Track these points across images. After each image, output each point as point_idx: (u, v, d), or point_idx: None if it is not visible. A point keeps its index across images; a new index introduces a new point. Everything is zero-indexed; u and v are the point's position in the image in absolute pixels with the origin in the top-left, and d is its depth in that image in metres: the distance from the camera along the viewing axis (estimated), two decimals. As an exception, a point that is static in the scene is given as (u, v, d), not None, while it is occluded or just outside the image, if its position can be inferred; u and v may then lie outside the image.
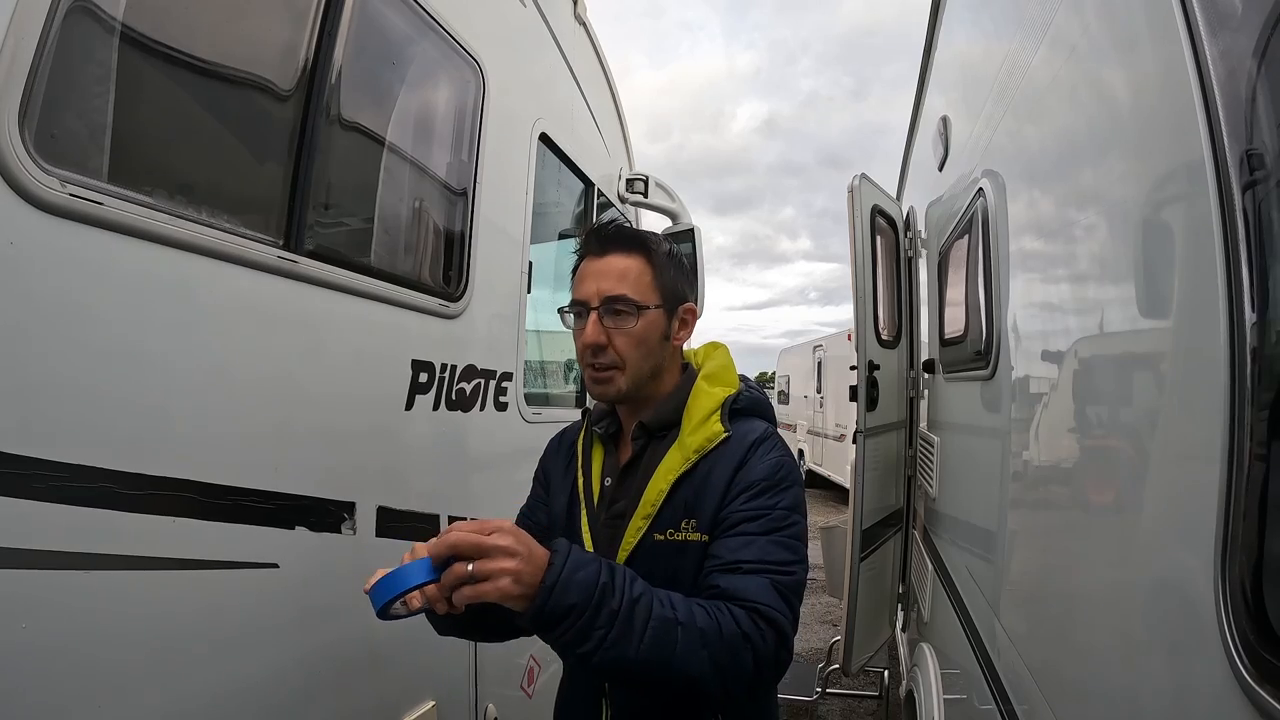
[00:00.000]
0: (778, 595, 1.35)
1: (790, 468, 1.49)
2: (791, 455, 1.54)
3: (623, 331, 1.51)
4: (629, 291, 1.51)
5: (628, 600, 1.22)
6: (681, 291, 1.62)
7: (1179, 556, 1.01)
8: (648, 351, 1.55)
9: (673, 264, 1.60)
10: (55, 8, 1.06)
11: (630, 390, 1.55)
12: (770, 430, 1.55)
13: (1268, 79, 0.87)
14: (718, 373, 1.64)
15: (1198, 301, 0.97)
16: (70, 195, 1.08)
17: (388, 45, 1.91)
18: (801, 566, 1.41)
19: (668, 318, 1.58)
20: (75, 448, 1.11)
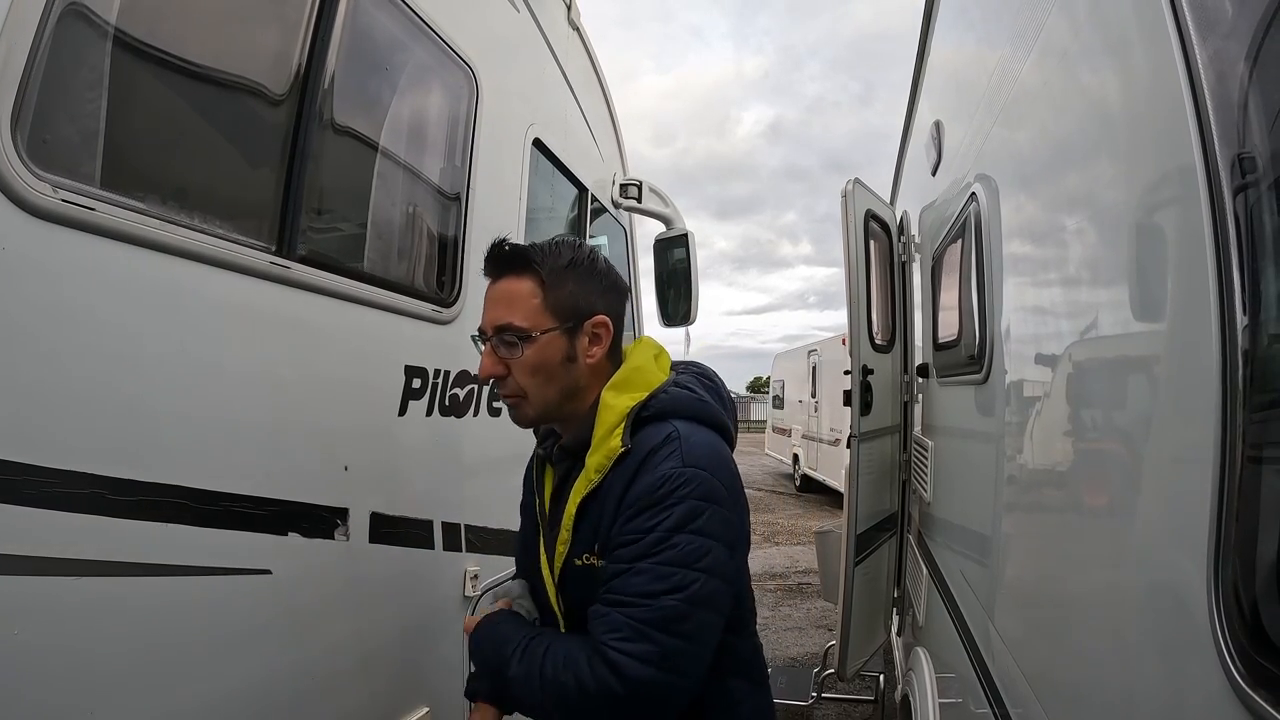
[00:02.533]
0: (630, 633, 1.27)
1: (682, 478, 1.33)
2: (697, 460, 1.36)
3: (516, 362, 1.45)
4: (516, 319, 1.44)
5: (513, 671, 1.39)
6: (587, 305, 1.49)
7: (1172, 560, 1.01)
8: (548, 378, 1.47)
9: (576, 276, 1.49)
10: (48, 13, 1.06)
11: (540, 417, 1.53)
12: (673, 433, 1.39)
13: (1258, 83, 0.88)
14: (629, 378, 1.50)
15: (1190, 305, 0.98)
16: (62, 200, 1.07)
17: (381, 51, 1.91)
18: (676, 596, 1.28)
19: (569, 338, 1.48)
20: (67, 454, 1.10)
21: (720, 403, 1.54)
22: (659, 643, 1.26)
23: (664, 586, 1.28)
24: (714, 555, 1.32)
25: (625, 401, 1.45)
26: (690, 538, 1.31)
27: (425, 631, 2.13)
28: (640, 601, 1.29)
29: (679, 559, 1.30)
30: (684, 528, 1.31)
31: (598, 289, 1.52)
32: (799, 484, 17.20)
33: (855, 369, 3.62)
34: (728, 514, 1.37)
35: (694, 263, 4.29)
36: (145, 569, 1.23)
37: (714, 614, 1.34)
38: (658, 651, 1.26)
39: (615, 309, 1.55)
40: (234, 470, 1.41)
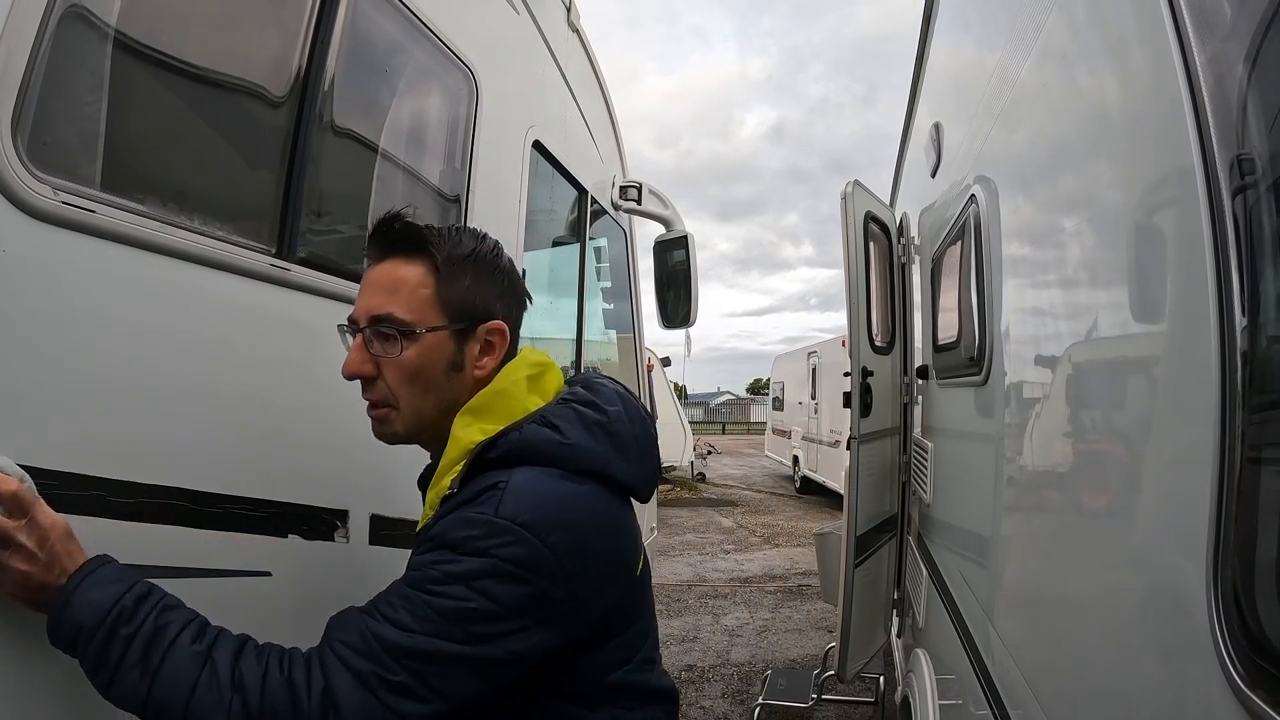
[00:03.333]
0: (318, 664, 1.07)
1: (491, 530, 1.09)
2: (518, 515, 1.11)
3: (391, 361, 1.24)
4: (399, 310, 1.23)
5: (147, 629, 1.01)
6: (484, 306, 1.28)
7: (1171, 561, 1.01)
8: (426, 387, 1.26)
9: (475, 269, 1.28)
10: (49, 15, 1.06)
11: (409, 434, 1.31)
12: (499, 483, 1.14)
13: (1257, 84, 0.88)
14: (488, 404, 1.25)
15: (1189, 306, 0.98)
16: (63, 203, 1.07)
17: (380, 53, 1.91)
18: (414, 637, 1.06)
19: (458, 342, 1.27)
20: (67, 455, 1.10)
21: (610, 440, 1.26)
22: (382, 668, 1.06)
23: (407, 619, 1.08)
24: (500, 626, 1.09)
25: (473, 434, 1.21)
26: (466, 597, 1.07)
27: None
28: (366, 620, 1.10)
29: (446, 609, 1.08)
30: (465, 579, 1.08)
31: (497, 289, 1.31)
32: (799, 486, 17.20)
33: (855, 371, 3.63)
34: (546, 588, 1.10)
35: (694, 265, 4.29)
36: (146, 571, 1.23)
37: (481, 678, 1.10)
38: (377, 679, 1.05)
39: (514, 317, 1.35)
40: (234, 472, 1.41)
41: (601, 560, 1.20)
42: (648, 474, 1.38)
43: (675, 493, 16.53)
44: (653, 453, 1.40)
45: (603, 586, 1.20)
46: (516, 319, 1.37)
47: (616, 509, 1.28)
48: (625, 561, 1.28)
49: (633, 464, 1.30)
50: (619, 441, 1.28)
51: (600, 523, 1.22)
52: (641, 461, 1.34)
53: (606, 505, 1.25)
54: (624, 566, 1.27)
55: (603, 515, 1.23)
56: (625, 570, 1.27)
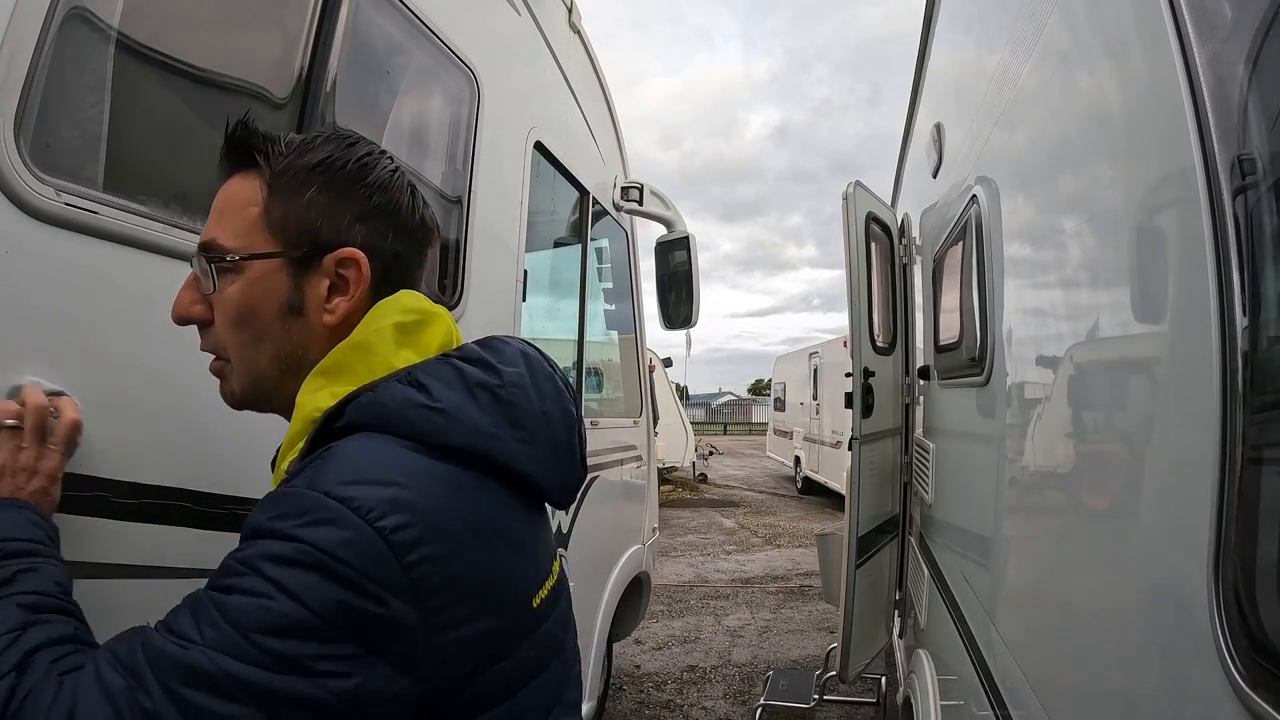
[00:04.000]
0: (77, 677, 0.76)
1: (301, 506, 0.78)
2: (336, 495, 0.78)
3: (217, 300, 0.97)
4: (221, 235, 0.96)
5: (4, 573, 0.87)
6: (331, 230, 0.96)
7: (1173, 561, 1.01)
8: (258, 333, 0.97)
9: (325, 182, 0.96)
10: (51, 16, 1.06)
11: (248, 397, 1.02)
12: (330, 450, 0.84)
13: (1258, 85, 0.88)
14: (342, 362, 0.94)
15: (1190, 306, 0.98)
16: (66, 204, 1.08)
17: (382, 54, 1.92)
18: (189, 649, 0.74)
19: (294, 275, 0.96)
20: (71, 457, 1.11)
21: (500, 410, 0.93)
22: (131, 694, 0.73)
23: (186, 624, 0.77)
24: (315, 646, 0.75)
25: (319, 400, 0.92)
26: (267, 588, 0.75)
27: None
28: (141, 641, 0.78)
29: (232, 606, 0.76)
30: (261, 570, 0.76)
31: (357, 209, 0.97)
32: (800, 486, 17.19)
33: (856, 371, 3.63)
34: (376, 594, 0.76)
35: (695, 265, 4.30)
36: (148, 571, 1.23)
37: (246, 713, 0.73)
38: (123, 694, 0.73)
39: (383, 247, 0.99)
40: (238, 473, 1.41)
41: (469, 576, 0.84)
42: (561, 467, 1.01)
43: (677, 493, 16.52)
44: (571, 440, 1.03)
45: (468, 615, 0.83)
46: (391, 250, 1.00)
47: (504, 510, 0.92)
48: (509, 587, 0.90)
49: (536, 448, 0.96)
50: (514, 414, 0.94)
51: (474, 522, 0.86)
52: (553, 448, 0.99)
53: (487, 501, 0.90)
54: (506, 594, 0.89)
55: (478, 512, 0.88)
56: (508, 600, 0.89)
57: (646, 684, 5.56)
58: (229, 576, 0.78)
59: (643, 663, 6.00)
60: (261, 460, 1.47)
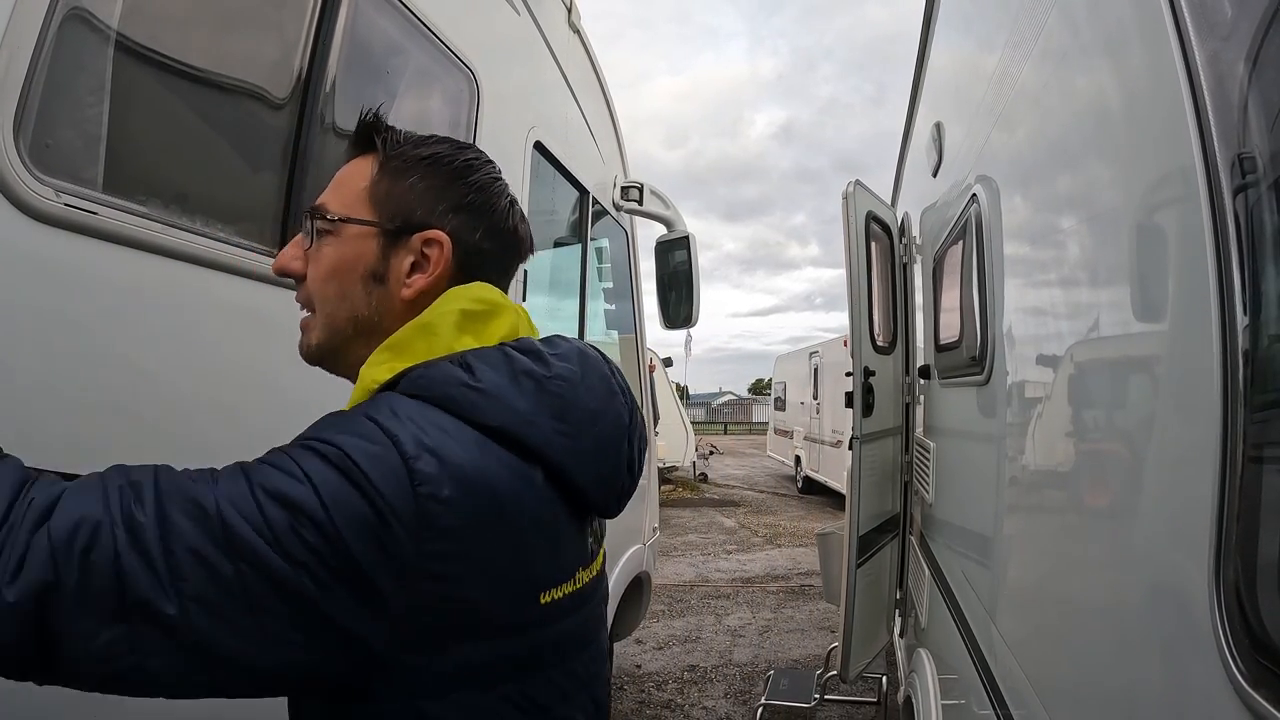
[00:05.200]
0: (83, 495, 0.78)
1: (351, 425, 0.85)
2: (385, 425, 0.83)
3: (313, 255, 1.05)
4: (331, 202, 1.04)
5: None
6: (425, 212, 1.03)
7: (1173, 560, 1.01)
8: (341, 291, 1.03)
9: (429, 172, 1.05)
10: (50, 17, 1.06)
11: (321, 349, 1.07)
12: (391, 401, 0.89)
13: (1258, 83, 0.88)
14: (406, 341, 0.99)
15: (1190, 305, 0.98)
16: (65, 205, 1.08)
17: (381, 54, 1.92)
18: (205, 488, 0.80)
19: (383, 246, 1.03)
20: (71, 457, 1.11)
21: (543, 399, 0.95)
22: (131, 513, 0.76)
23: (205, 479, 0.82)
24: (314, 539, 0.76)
25: (378, 373, 0.97)
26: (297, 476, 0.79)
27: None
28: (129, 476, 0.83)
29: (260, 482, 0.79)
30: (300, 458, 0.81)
31: (453, 199, 1.05)
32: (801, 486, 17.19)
33: (857, 371, 3.62)
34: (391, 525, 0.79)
35: (695, 265, 4.30)
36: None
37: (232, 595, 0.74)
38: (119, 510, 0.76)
39: (469, 240, 1.06)
40: (236, 473, 1.42)
41: (474, 537, 0.84)
42: (605, 469, 1.03)
43: (677, 493, 16.52)
44: (619, 444, 1.06)
45: (458, 575, 0.83)
46: (476, 245, 1.06)
47: (538, 498, 0.93)
48: (515, 568, 0.90)
49: (577, 443, 0.97)
50: (558, 406, 0.96)
51: (501, 491, 0.88)
52: (597, 447, 1.01)
53: (522, 482, 0.91)
54: (509, 573, 0.89)
55: (509, 486, 0.89)
56: (509, 581, 0.89)
57: (647, 683, 5.56)
58: (267, 455, 0.84)
59: (644, 662, 6.00)
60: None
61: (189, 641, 0.73)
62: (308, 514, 0.76)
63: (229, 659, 0.75)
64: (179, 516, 0.75)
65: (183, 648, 0.73)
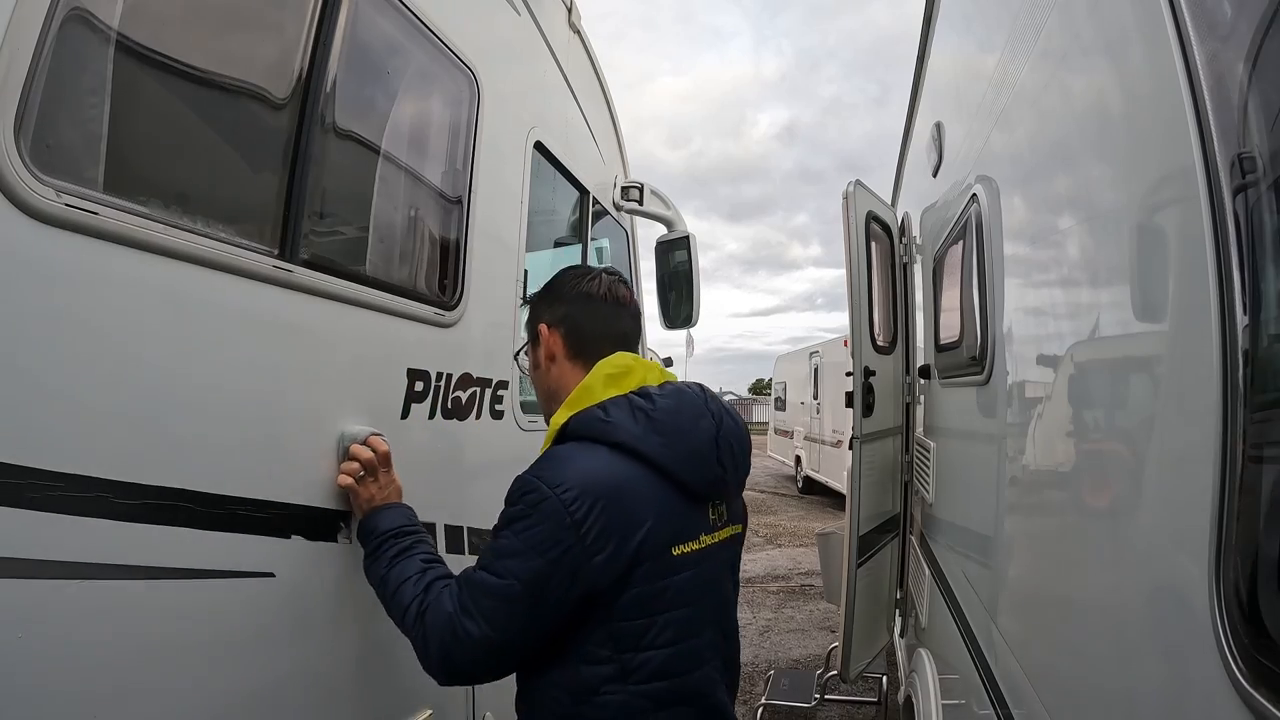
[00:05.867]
0: (453, 589, 1.49)
1: (520, 489, 1.46)
2: (544, 475, 1.44)
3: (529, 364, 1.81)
4: None
5: (404, 545, 1.63)
6: (538, 319, 1.74)
7: (1174, 560, 1.01)
8: (534, 381, 1.80)
9: (540, 296, 1.77)
10: (51, 18, 1.06)
11: (544, 414, 1.76)
12: (550, 453, 1.52)
13: (1257, 83, 0.88)
14: (577, 396, 1.59)
15: (1190, 305, 0.98)
16: (66, 205, 1.08)
17: (382, 54, 1.92)
18: (481, 572, 1.45)
19: (534, 346, 1.74)
20: (71, 457, 1.11)
21: (649, 424, 1.50)
22: (460, 591, 1.47)
23: (483, 559, 1.47)
24: (520, 561, 1.40)
25: (559, 419, 1.57)
26: (506, 533, 1.45)
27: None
28: (466, 573, 1.50)
29: (496, 548, 1.46)
30: (503, 529, 1.46)
31: (548, 302, 1.74)
32: (801, 486, 17.20)
33: (857, 370, 3.63)
34: (548, 530, 1.39)
35: (695, 265, 4.30)
36: (149, 572, 1.24)
37: (504, 605, 1.40)
38: (456, 597, 1.46)
39: (558, 318, 1.71)
40: (237, 473, 1.42)
41: (613, 526, 1.41)
42: (694, 464, 1.53)
43: (678, 493, 16.49)
44: (705, 448, 1.54)
45: (613, 549, 1.40)
46: (567, 321, 1.71)
47: (651, 486, 1.47)
48: (645, 534, 1.43)
49: (673, 450, 1.49)
50: (660, 427, 1.50)
51: (620, 490, 1.43)
52: (689, 451, 1.52)
53: (638, 479, 1.46)
54: (644, 537, 1.43)
55: (625, 485, 1.44)
56: (646, 543, 1.44)
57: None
58: (495, 530, 1.48)
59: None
60: (259, 461, 1.48)
61: (498, 640, 1.43)
62: (520, 550, 1.42)
63: (530, 625, 1.43)
64: (473, 590, 1.45)
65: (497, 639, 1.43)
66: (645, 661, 1.45)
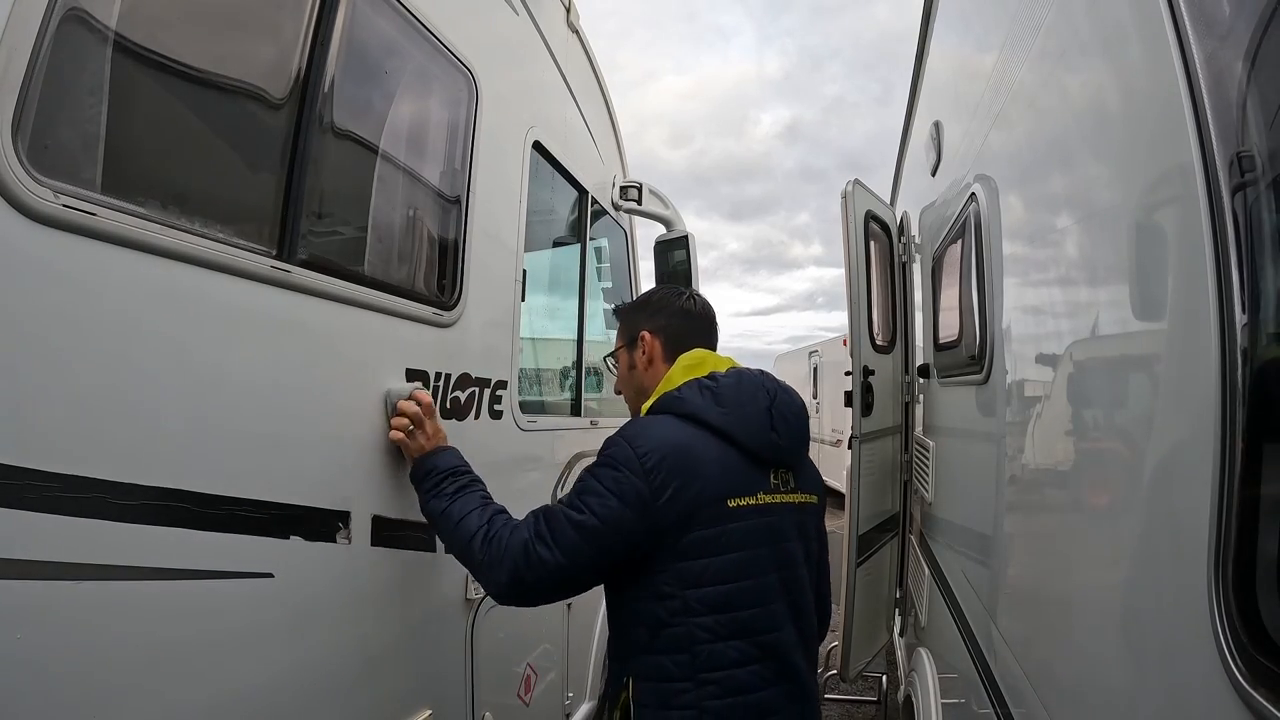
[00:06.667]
0: (530, 520, 1.73)
1: (607, 445, 1.76)
2: (625, 434, 1.75)
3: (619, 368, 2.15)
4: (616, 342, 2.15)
5: (462, 481, 1.88)
6: (637, 327, 2.05)
7: (1173, 559, 1.01)
8: (625, 382, 2.12)
9: (633, 308, 2.15)
10: (49, 18, 1.06)
11: (631, 410, 2.12)
12: (634, 420, 1.86)
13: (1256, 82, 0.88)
14: (661, 387, 1.92)
15: (1189, 304, 0.98)
16: (63, 206, 1.07)
17: (380, 55, 1.91)
18: (564, 507, 1.71)
19: (629, 351, 2.07)
20: (70, 458, 1.11)
21: (712, 397, 1.80)
22: (537, 521, 1.71)
23: (565, 500, 1.73)
24: (600, 499, 1.67)
25: (649, 404, 1.90)
26: (590, 479, 1.72)
27: (427, 633, 2.13)
28: (550, 508, 1.76)
29: (579, 489, 1.72)
30: (592, 473, 1.73)
31: (648, 313, 2.07)
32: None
33: (856, 370, 3.62)
34: (625, 476, 1.67)
35: (694, 265, 4.29)
36: (148, 573, 1.23)
37: (581, 537, 1.65)
38: (533, 527, 1.70)
39: (658, 327, 2.03)
40: (236, 474, 1.42)
41: (676, 474, 1.67)
42: (752, 429, 1.78)
43: (677, 493, 16.48)
44: (761, 420, 1.79)
45: (674, 493, 1.66)
46: (667, 329, 2.03)
47: (711, 447, 1.74)
48: (704, 484, 1.69)
49: (733, 418, 1.77)
50: (721, 399, 1.79)
51: (685, 448, 1.71)
52: (745, 419, 1.78)
53: (701, 442, 1.74)
54: (702, 486, 1.69)
55: (690, 445, 1.72)
56: (705, 492, 1.69)
57: (647, 683, 5.54)
58: (583, 474, 1.76)
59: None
60: (258, 461, 1.48)
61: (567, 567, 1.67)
62: (598, 490, 1.69)
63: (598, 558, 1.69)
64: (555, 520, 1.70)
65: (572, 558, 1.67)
66: (704, 597, 1.67)
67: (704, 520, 1.68)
